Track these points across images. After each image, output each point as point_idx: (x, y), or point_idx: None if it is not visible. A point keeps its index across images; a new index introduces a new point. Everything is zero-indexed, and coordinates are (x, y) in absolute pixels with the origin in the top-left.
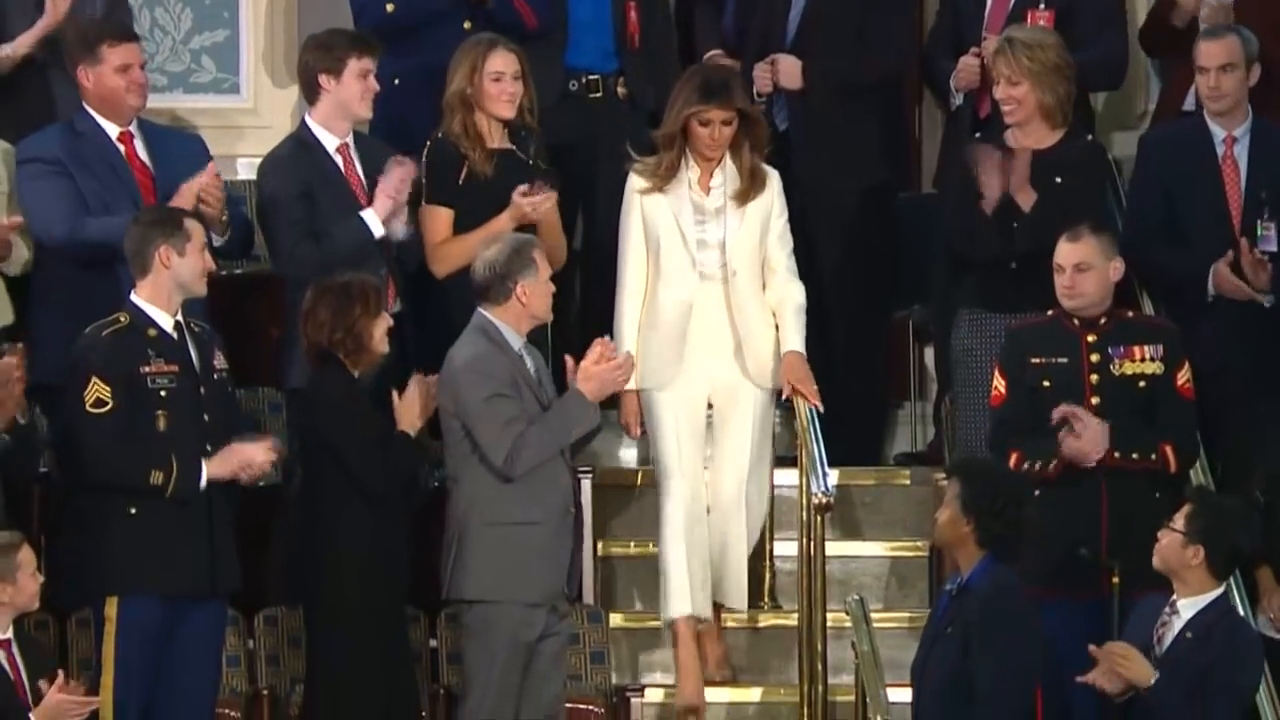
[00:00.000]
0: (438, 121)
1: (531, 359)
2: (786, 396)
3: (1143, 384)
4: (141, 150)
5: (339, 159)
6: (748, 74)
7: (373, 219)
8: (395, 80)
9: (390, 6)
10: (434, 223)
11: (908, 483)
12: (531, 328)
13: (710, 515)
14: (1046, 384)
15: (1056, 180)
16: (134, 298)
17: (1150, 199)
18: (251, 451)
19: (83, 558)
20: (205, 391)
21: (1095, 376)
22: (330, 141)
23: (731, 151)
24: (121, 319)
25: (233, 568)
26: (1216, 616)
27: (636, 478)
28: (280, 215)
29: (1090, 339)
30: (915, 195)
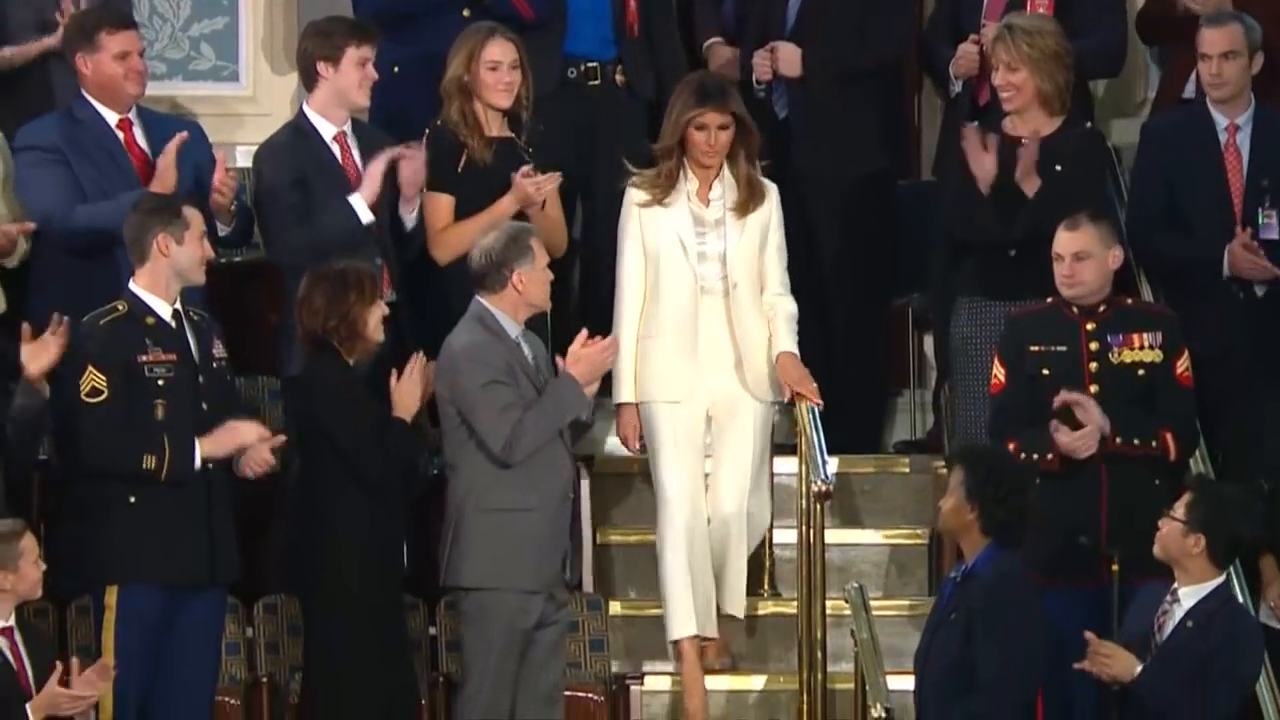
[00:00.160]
0: (437, 110)
1: (530, 346)
2: (789, 399)
3: (1142, 372)
4: (140, 138)
5: (335, 147)
6: (747, 61)
7: (360, 204)
8: (394, 68)
9: None
10: (434, 210)
11: (907, 471)
12: (529, 316)
13: (711, 526)
14: (1046, 372)
15: (1056, 168)
16: (132, 286)
17: (1152, 187)
18: (246, 431)
19: (82, 546)
20: (204, 380)
21: (1094, 364)
22: (327, 130)
23: (728, 162)
24: (120, 307)
25: (232, 558)
26: (1217, 605)
27: (635, 466)
28: (275, 202)
29: (1089, 327)
30: (915, 183)
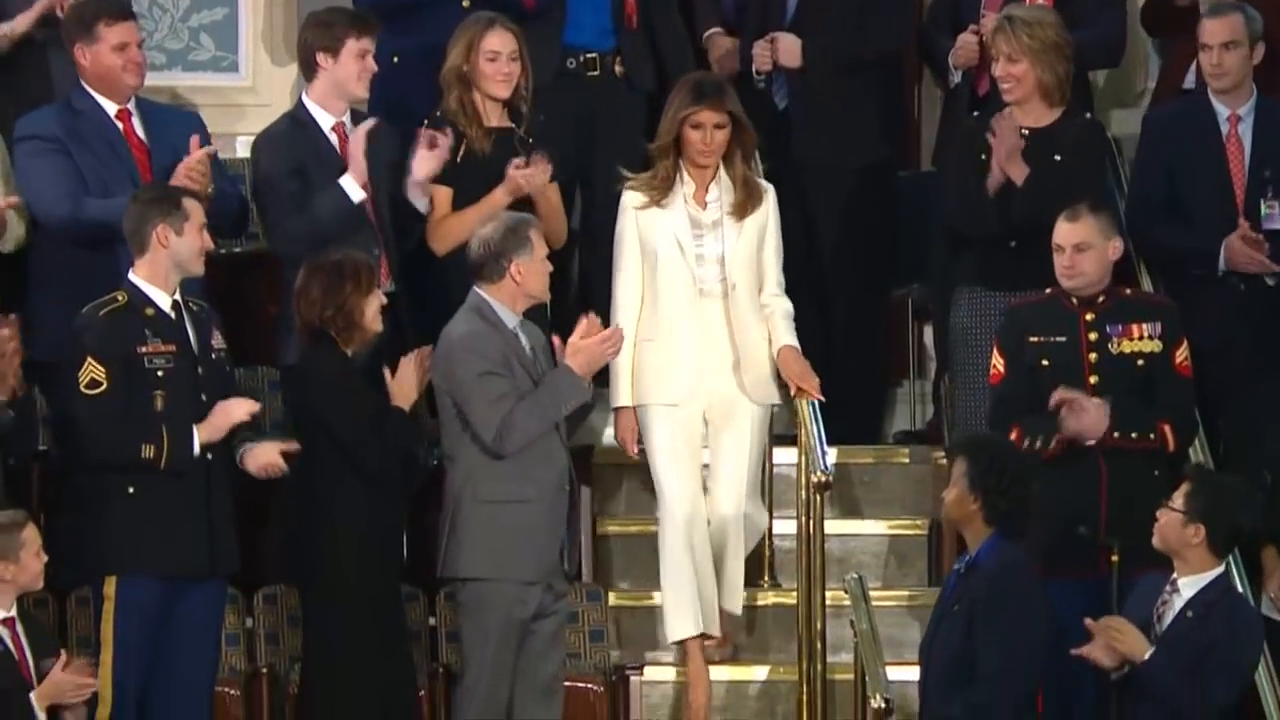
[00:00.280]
0: (437, 100)
1: (528, 337)
2: (794, 396)
3: (1141, 362)
4: (139, 128)
5: (334, 138)
6: (747, 52)
7: (350, 185)
8: (394, 59)
9: None
10: (433, 200)
11: (907, 461)
12: (528, 306)
13: (710, 529)
14: (1045, 363)
15: (1055, 158)
16: (132, 276)
17: (1153, 177)
18: (235, 408)
19: (82, 537)
20: (203, 371)
21: (1094, 355)
22: (326, 120)
23: (724, 163)
24: (119, 298)
25: (231, 549)
26: (1217, 595)
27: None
28: (273, 192)
29: (1089, 317)
30: (914, 173)
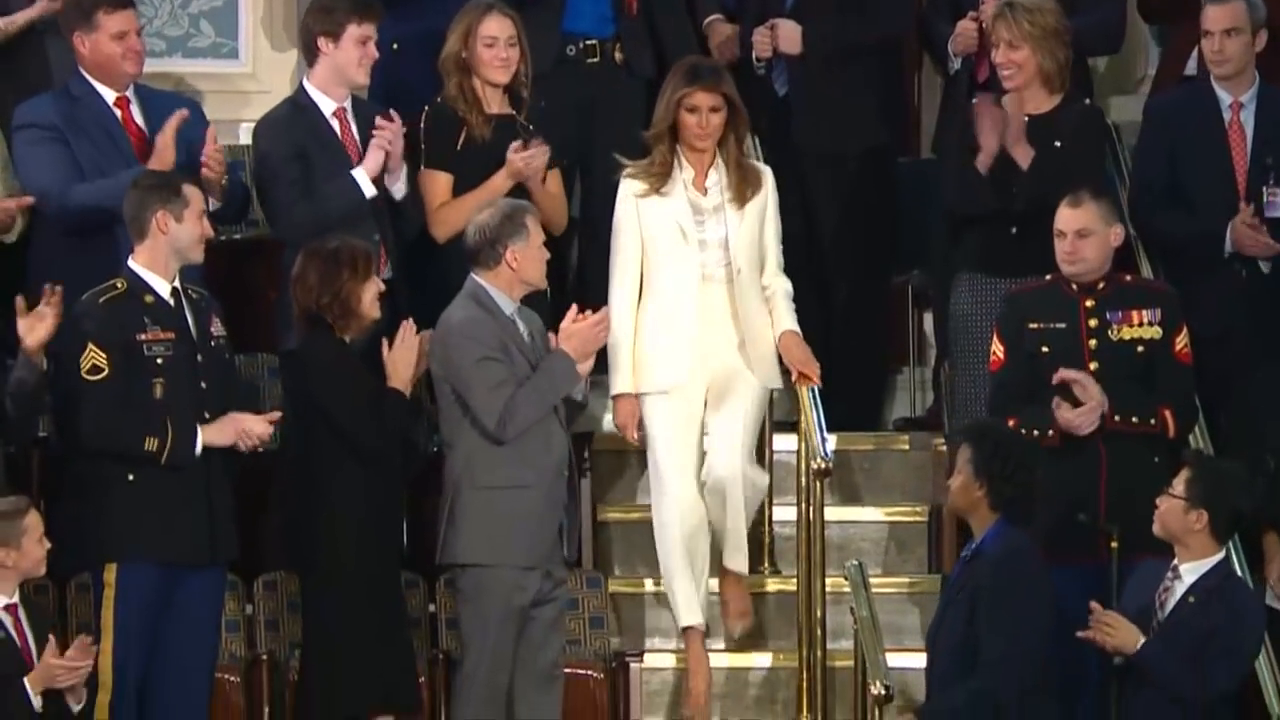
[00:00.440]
0: (438, 86)
1: (525, 323)
2: (795, 380)
3: (1141, 348)
4: (138, 115)
5: (335, 122)
6: (747, 39)
7: (363, 178)
8: (394, 45)
9: None
10: (433, 187)
11: (907, 448)
12: (525, 293)
13: (707, 487)
14: (1045, 349)
15: (1055, 145)
16: (131, 263)
17: (1155, 164)
18: (251, 422)
19: (82, 523)
20: (202, 359)
21: (1094, 341)
22: (327, 105)
23: (720, 148)
24: (119, 285)
25: (231, 537)
26: (1218, 581)
27: (634, 444)
28: (275, 176)
29: (1089, 304)
30: (915, 160)
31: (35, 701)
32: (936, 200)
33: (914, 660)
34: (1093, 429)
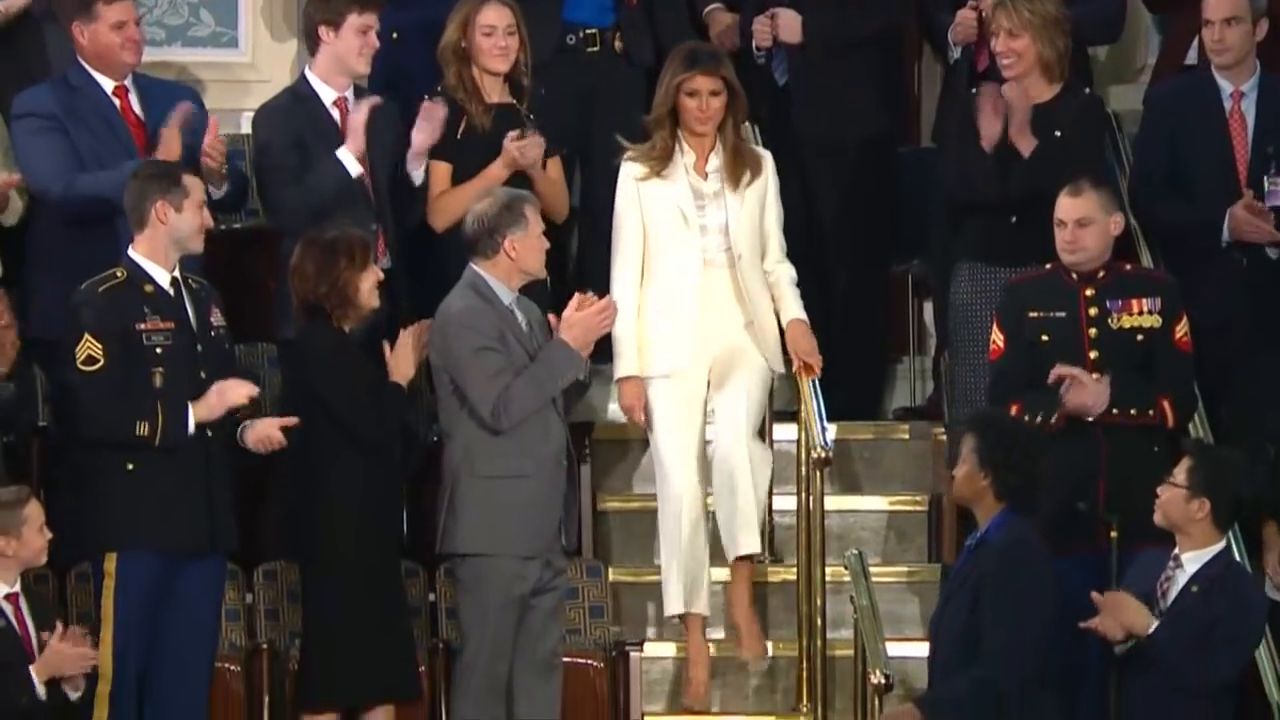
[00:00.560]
0: (437, 76)
1: (524, 313)
2: (796, 369)
3: (1141, 337)
4: (136, 104)
5: (335, 112)
6: (747, 27)
7: (348, 157)
8: (394, 34)
9: None
10: (432, 176)
11: (906, 437)
12: (524, 283)
13: (715, 469)
14: (1045, 338)
15: (1055, 134)
16: (131, 252)
17: (1156, 154)
18: (233, 390)
19: (81, 513)
20: (202, 348)
21: (1093, 330)
22: (328, 94)
23: (720, 132)
24: (118, 274)
25: (230, 527)
26: (1221, 569)
27: (634, 432)
28: (273, 164)
29: (1088, 293)
30: (915, 149)
31: (40, 690)
32: (936, 189)
33: (914, 649)
34: (1104, 408)
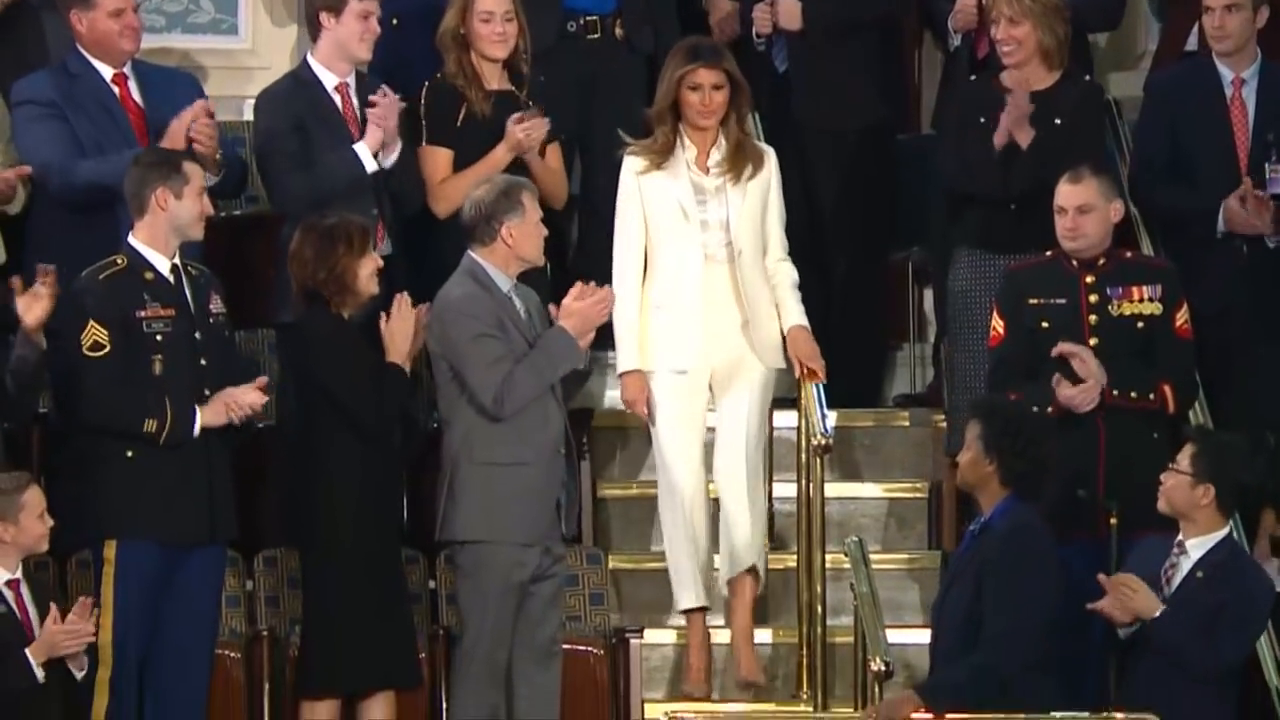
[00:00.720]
0: (438, 62)
1: (522, 299)
2: (799, 376)
3: (1141, 324)
4: (135, 92)
5: (337, 97)
6: (747, 14)
7: (365, 153)
8: (394, 20)
9: None
10: (433, 163)
11: (907, 424)
12: (521, 270)
13: (716, 481)
14: (1045, 325)
15: (1055, 121)
16: (131, 240)
17: (1157, 141)
18: (238, 393)
19: (81, 500)
20: (201, 335)
21: (1094, 317)
22: (329, 80)
23: (723, 126)
24: (119, 261)
25: (230, 516)
26: (1225, 555)
27: (634, 420)
28: (274, 149)
29: (1089, 280)
30: (914, 136)
31: (38, 673)
32: (936, 177)
33: (914, 636)
34: (1092, 406)
